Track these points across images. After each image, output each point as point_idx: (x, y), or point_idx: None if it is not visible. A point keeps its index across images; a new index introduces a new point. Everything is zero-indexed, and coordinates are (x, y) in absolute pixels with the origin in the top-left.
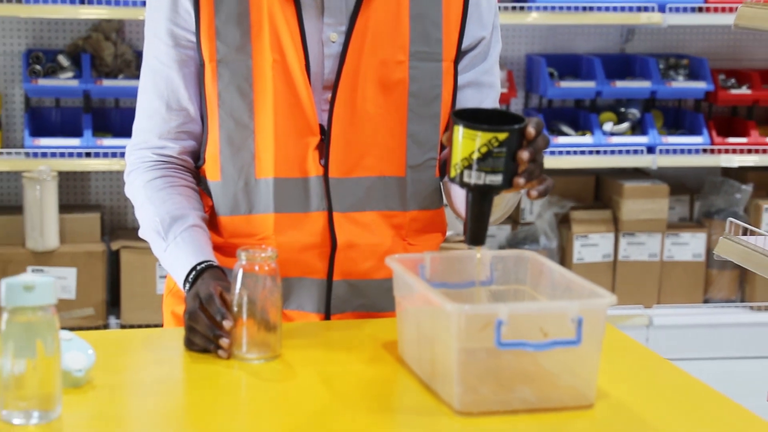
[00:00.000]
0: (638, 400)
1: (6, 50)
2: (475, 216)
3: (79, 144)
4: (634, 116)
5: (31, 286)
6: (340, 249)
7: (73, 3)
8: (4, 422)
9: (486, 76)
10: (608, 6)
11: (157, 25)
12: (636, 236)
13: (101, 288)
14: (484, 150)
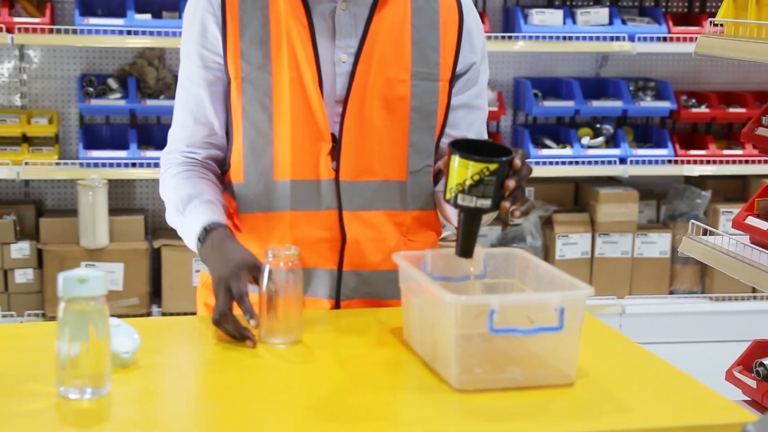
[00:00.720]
0: (613, 379)
1: (63, 75)
2: (466, 233)
3: (126, 156)
4: (608, 131)
5: (85, 279)
6: (349, 243)
7: (120, 34)
8: (61, 397)
9: (477, 99)
10: (585, 36)
11: (189, 49)
12: (610, 236)
13: (145, 281)
14: (477, 178)
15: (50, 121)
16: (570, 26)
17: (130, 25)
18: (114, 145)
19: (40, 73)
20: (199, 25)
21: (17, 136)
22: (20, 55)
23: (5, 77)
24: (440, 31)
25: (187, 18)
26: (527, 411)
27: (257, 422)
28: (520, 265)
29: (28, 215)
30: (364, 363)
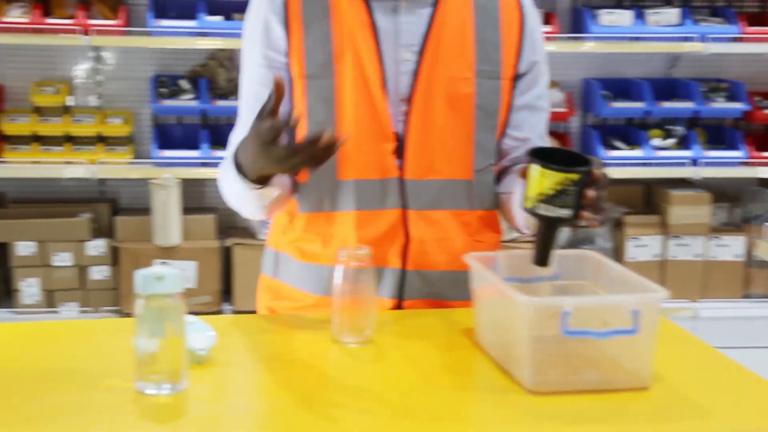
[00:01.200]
0: (689, 383)
1: (137, 76)
2: (544, 242)
3: (198, 155)
4: (679, 133)
5: (162, 276)
6: (413, 242)
7: (192, 35)
8: (138, 392)
9: (539, 100)
10: (656, 36)
11: (253, 51)
12: (682, 238)
13: (217, 279)
14: (559, 188)
15: (124, 121)
16: (640, 26)
17: (202, 27)
18: (186, 144)
19: (115, 74)
20: (262, 25)
21: (93, 136)
22: (96, 56)
23: (82, 78)
24: (502, 29)
25: (250, 20)
26: (602, 414)
27: (330, 421)
28: (593, 267)
29: (103, 213)
30: (436, 363)
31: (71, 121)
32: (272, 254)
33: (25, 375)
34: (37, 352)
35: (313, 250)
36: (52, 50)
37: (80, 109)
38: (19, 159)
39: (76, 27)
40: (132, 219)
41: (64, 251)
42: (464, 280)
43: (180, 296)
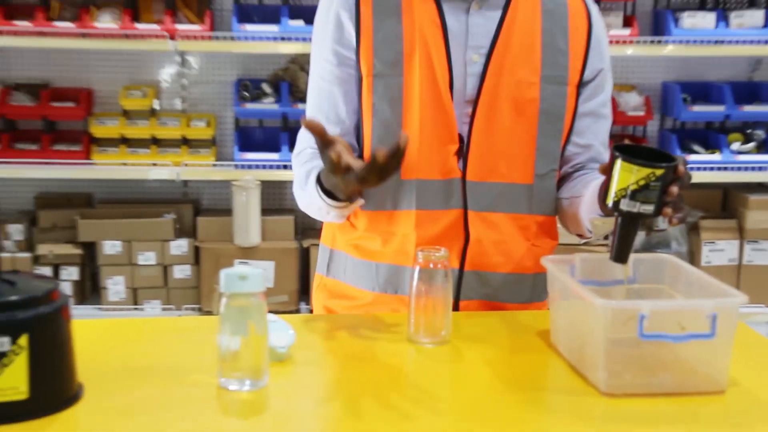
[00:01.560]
0: (765, 387)
1: (220, 80)
2: (623, 238)
3: (278, 158)
4: (760, 137)
5: (245, 276)
6: (472, 243)
7: (274, 40)
8: (221, 388)
9: (603, 108)
10: (738, 39)
11: (323, 48)
12: (759, 243)
13: (294, 278)
14: (642, 183)
15: (208, 124)
16: (722, 30)
17: (284, 32)
18: (267, 147)
19: (200, 78)
20: (333, 22)
21: (177, 139)
22: (182, 60)
23: (168, 82)
24: (569, 36)
25: (320, 17)
26: (677, 417)
27: (407, 420)
28: (671, 271)
29: (186, 214)
30: (512, 364)
31: (157, 123)
32: (327, 252)
33: (112, 369)
34: (123, 348)
35: (372, 248)
36: (139, 55)
37: (166, 112)
38: (106, 161)
39: (163, 32)
40: (213, 219)
41: (148, 250)
42: (520, 283)
43: (262, 295)
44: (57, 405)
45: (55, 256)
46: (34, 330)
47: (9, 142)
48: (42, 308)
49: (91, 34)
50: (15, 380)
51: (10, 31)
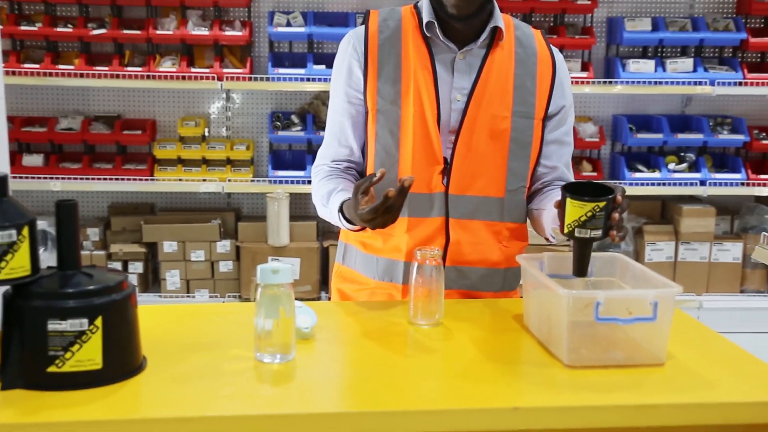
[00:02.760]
0: (697, 360)
1: (258, 112)
2: (581, 258)
3: (304, 175)
4: (691, 159)
5: (277, 270)
6: (452, 244)
7: (301, 80)
8: (257, 360)
9: (566, 136)
10: (673, 81)
11: (337, 88)
12: (691, 244)
13: (316, 272)
14: (590, 214)
15: (247, 148)
16: (660, 73)
17: (309, 74)
18: (295, 166)
19: (241, 110)
20: (346, 68)
21: (223, 159)
22: (226, 97)
23: (215, 114)
24: (537, 79)
25: (337, 63)
26: (626, 385)
27: (410, 384)
28: (620, 267)
29: (229, 220)
30: (492, 341)
31: (207, 147)
32: (342, 245)
33: (170, 345)
34: (178, 328)
35: (374, 245)
36: (193, 93)
37: (214, 139)
38: (166, 177)
39: (212, 74)
40: (251, 224)
41: (198, 249)
42: (493, 277)
43: (290, 286)
44: (125, 374)
45: (124, 253)
46: (108, 313)
47: (89, 162)
48: (114, 295)
49: (155, 76)
50: (91, 353)
51: (91, 74)
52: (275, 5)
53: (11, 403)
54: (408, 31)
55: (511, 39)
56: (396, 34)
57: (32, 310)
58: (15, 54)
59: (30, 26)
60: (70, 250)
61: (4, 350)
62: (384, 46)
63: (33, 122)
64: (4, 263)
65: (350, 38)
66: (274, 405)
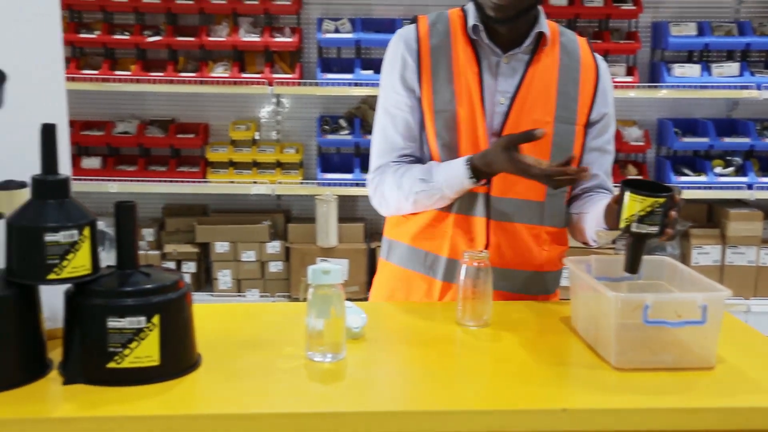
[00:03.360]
0: (747, 364)
1: (307, 116)
2: (635, 254)
3: (351, 177)
4: (738, 163)
5: (328, 270)
6: (492, 246)
7: (348, 85)
8: (308, 359)
9: (608, 145)
10: (719, 85)
11: (395, 83)
12: (738, 248)
13: (364, 273)
14: (649, 210)
15: (297, 151)
16: (706, 77)
17: (357, 79)
18: (342, 169)
19: (290, 114)
20: (400, 63)
21: (273, 162)
22: (276, 101)
23: (266, 118)
24: (580, 86)
25: (389, 64)
26: (675, 388)
27: (460, 384)
28: (668, 270)
29: (279, 221)
30: (540, 344)
31: (257, 151)
32: (387, 242)
33: (223, 343)
34: (231, 327)
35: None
36: (244, 97)
37: (264, 142)
38: (218, 179)
39: (263, 80)
40: (300, 226)
41: (249, 249)
42: (532, 279)
43: (341, 286)
44: (181, 370)
45: (178, 253)
46: (164, 311)
47: (144, 165)
48: (170, 294)
49: (207, 82)
50: (149, 350)
51: (147, 80)
52: (324, 12)
53: (73, 398)
54: (457, 34)
55: (556, 45)
56: (446, 37)
57: (92, 308)
58: (75, 60)
59: (89, 34)
60: (128, 250)
61: (66, 347)
62: (435, 49)
63: (91, 126)
64: (66, 262)
65: (400, 40)
66: (325, 403)
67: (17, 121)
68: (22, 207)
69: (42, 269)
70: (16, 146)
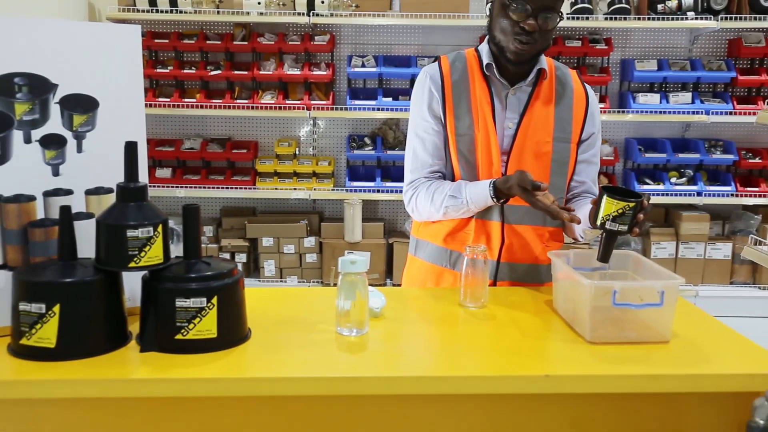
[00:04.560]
0: (696, 338)
1: (338, 135)
2: (607, 247)
3: (374, 185)
4: (690, 174)
5: (355, 261)
6: (506, 245)
7: (372, 110)
8: (338, 334)
9: (594, 157)
10: (675, 110)
11: (423, 112)
12: (689, 244)
13: (383, 263)
14: (621, 211)
15: (329, 164)
16: (664, 104)
17: (379, 104)
18: (367, 178)
19: (325, 133)
20: (428, 95)
21: (310, 173)
22: (313, 123)
23: (304, 136)
24: (573, 111)
25: (419, 92)
26: (637, 358)
27: (461, 354)
28: (633, 262)
29: (314, 221)
30: (528, 322)
31: (297, 163)
32: (415, 241)
33: (268, 320)
34: (275, 306)
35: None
36: (287, 120)
37: (303, 156)
38: (265, 187)
39: (302, 105)
40: (331, 224)
41: (290, 244)
42: (536, 271)
43: (365, 274)
44: (234, 342)
45: (232, 246)
46: (221, 293)
47: (206, 175)
48: (226, 279)
49: (257, 107)
50: (209, 325)
51: (209, 106)
52: (353, 50)
53: (147, 363)
54: (473, 71)
55: (552, 78)
56: (464, 74)
57: (164, 290)
58: (151, 90)
59: (163, 69)
60: (193, 244)
61: (142, 322)
62: (456, 84)
63: (164, 143)
64: (143, 253)
65: (427, 76)
66: (351, 369)
67: (106, 139)
68: (109, 208)
69: (124, 259)
70: (105, 159)
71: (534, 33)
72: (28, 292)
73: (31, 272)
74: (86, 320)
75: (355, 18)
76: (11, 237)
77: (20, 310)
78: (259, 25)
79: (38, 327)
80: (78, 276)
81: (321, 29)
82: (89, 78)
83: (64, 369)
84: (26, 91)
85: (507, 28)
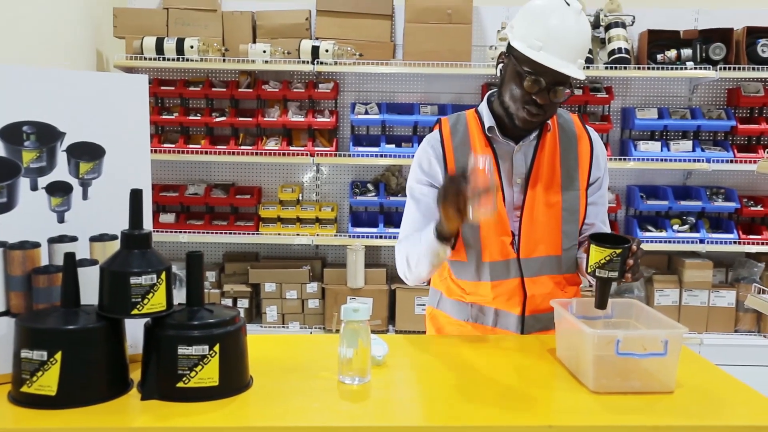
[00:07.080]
0: (700, 387)
1: (341, 181)
2: (601, 294)
3: (376, 231)
4: (692, 221)
5: (357, 309)
6: (529, 298)
7: (375, 156)
8: (340, 382)
9: (601, 199)
10: (676, 158)
11: (421, 177)
12: (692, 291)
13: (385, 309)
14: (608, 258)
15: (332, 209)
16: (665, 152)
17: (382, 151)
18: (369, 224)
19: (327, 179)
20: (427, 162)
21: (313, 218)
22: (316, 169)
23: (308, 182)
24: (579, 157)
25: (419, 157)
26: (641, 408)
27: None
28: (636, 310)
29: (317, 266)
30: (531, 370)
31: (300, 209)
32: (436, 293)
33: (271, 367)
34: (277, 353)
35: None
36: (291, 166)
37: (306, 202)
38: (268, 232)
39: (306, 152)
40: (334, 270)
41: (292, 289)
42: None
43: (367, 322)
44: (236, 389)
45: (234, 292)
46: (224, 341)
47: (209, 220)
48: (229, 327)
49: (261, 153)
50: (210, 373)
51: (213, 152)
52: (356, 98)
53: (148, 411)
54: (474, 133)
55: (555, 127)
56: (465, 136)
57: (166, 338)
58: (157, 136)
59: (168, 115)
60: (196, 291)
61: (144, 369)
62: (458, 147)
63: (168, 188)
64: (146, 300)
65: (428, 144)
66: (353, 418)
67: (112, 186)
68: (113, 255)
69: (127, 306)
70: (110, 206)
71: (545, 105)
72: (30, 339)
73: (34, 319)
74: (88, 368)
75: (358, 66)
76: (15, 283)
77: (22, 357)
78: (264, 73)
79: (39, 374)
80: (80, 323)
81: (325, 77)
82: (96, 126)
83: (64, 417)
84: (34, 140)
85: (518, 96)
